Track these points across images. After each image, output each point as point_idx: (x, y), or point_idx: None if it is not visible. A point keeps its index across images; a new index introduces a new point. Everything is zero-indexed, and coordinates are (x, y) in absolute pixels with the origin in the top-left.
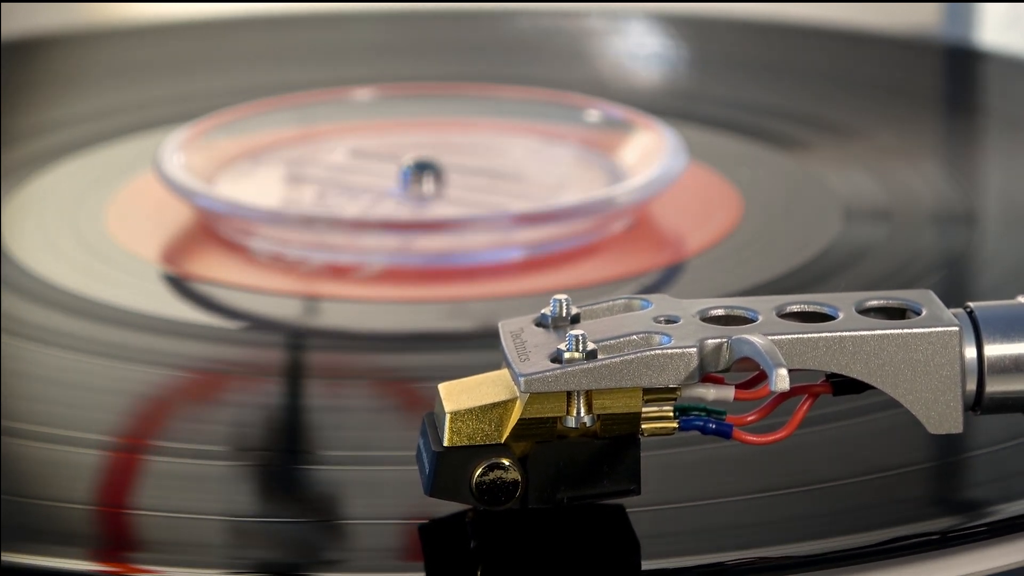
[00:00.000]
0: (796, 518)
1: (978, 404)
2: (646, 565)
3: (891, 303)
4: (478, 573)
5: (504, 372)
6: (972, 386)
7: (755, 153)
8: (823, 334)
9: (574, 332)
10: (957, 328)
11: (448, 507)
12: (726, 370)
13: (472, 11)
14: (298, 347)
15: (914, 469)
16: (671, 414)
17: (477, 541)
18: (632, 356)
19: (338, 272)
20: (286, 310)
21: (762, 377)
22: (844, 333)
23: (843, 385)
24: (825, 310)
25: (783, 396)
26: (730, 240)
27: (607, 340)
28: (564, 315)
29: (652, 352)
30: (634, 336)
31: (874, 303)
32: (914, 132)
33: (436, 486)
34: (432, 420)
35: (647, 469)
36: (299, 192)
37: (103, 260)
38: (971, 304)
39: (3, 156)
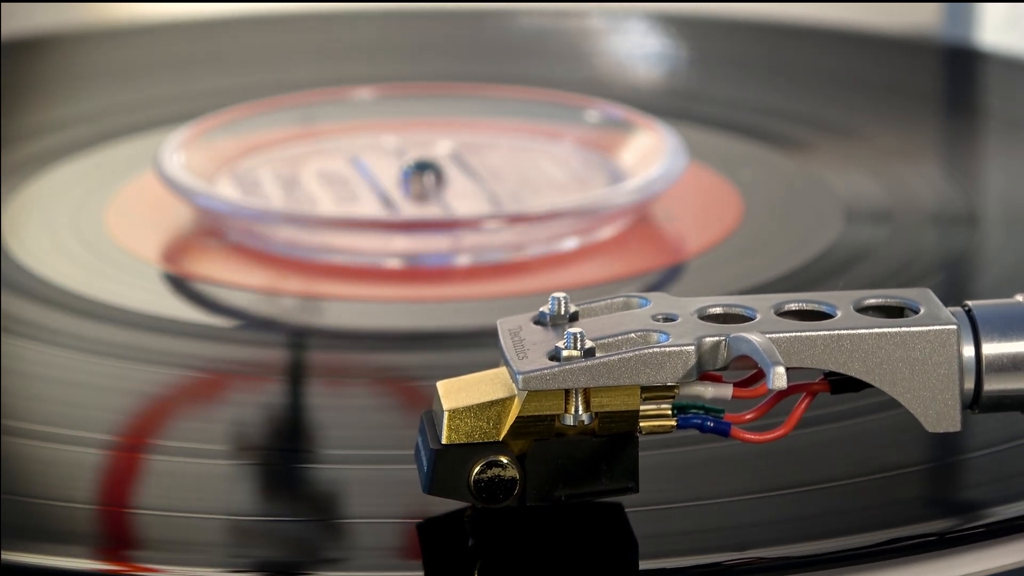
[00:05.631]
0: (794, 518)
1: (976, 403)
2: (644, 564)
3: (889, 301)
4: (476, 571)
5: (502, 370)
6: (970, 384)
7: (755, 153)
8: (821, 332)
9: (572, 330)
10: (955, 326)
11: (446, 505)
12: (724, 368)
13: (472, 11)
14: (298, 346)
15: (912, 470)
16: (669, 412)
17: (475, 539)
18: (630, 354)
19: (338, 272)
20: (286, 310)
21: (760, 375)
22: (842, 331)
23: (841, 383)
24: (823, 308)
25: (781, 394)
26: (730, 240)
27: (605, 338)
28: (562, 313)
29: (650, 350)
30: (632, 334)
31: (872, 301)
32: (914, 132)
33: (434, 484)
34: (430, 418)
35: (645, 467)
36: (299, 191)
37: (103, 260)
38: (969, 303)
39: (3, 156)
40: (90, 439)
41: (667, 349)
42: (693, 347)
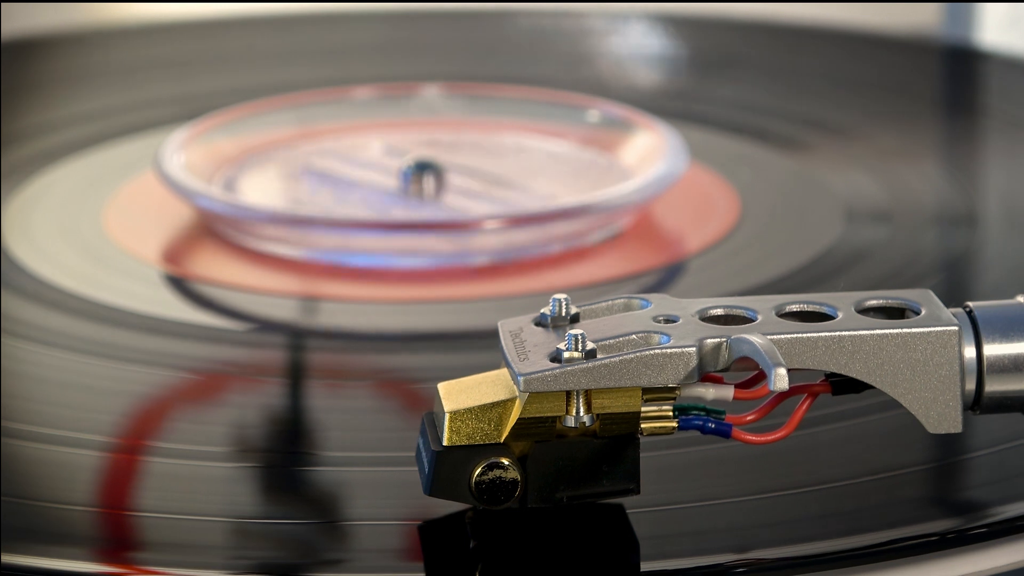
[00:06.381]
0: (795, 519)
1: (977, 404)
2: (645, 566)
3: (890, 303)
4: (477, 573)
5: (503, 372)
6: (971, 386)
7: (755, 153)
8: (822, 333)
9: (573, 331)
10: (956, 328)
11: (447, 507)
12: (725, 369)
13: (472, 11)
14: (298, 347)
15: (914, 470)
16: (670, 413)
17: (476, 541)
18: (631, 355)
19: (338, 272)
20: (286, 310)
21: (761, 377)
22: (843, 333)
23: (842, 385)
24: (824, 310)
25: (782, 396)
26: (730, 240)
27: (606, 339)
28: (563, 314)
29: (651, 351)
30: (633, 335)
31: (873, 303)
32: (914, 132)
33: (435, 485)
34: (431, 419)
35: (646, 469)
36: (299, 192)
37: (103, 260)
38: (970, 304)
39: (3, 156)
40: (90, 440)
41: (668, 350)
42: (694, 348)
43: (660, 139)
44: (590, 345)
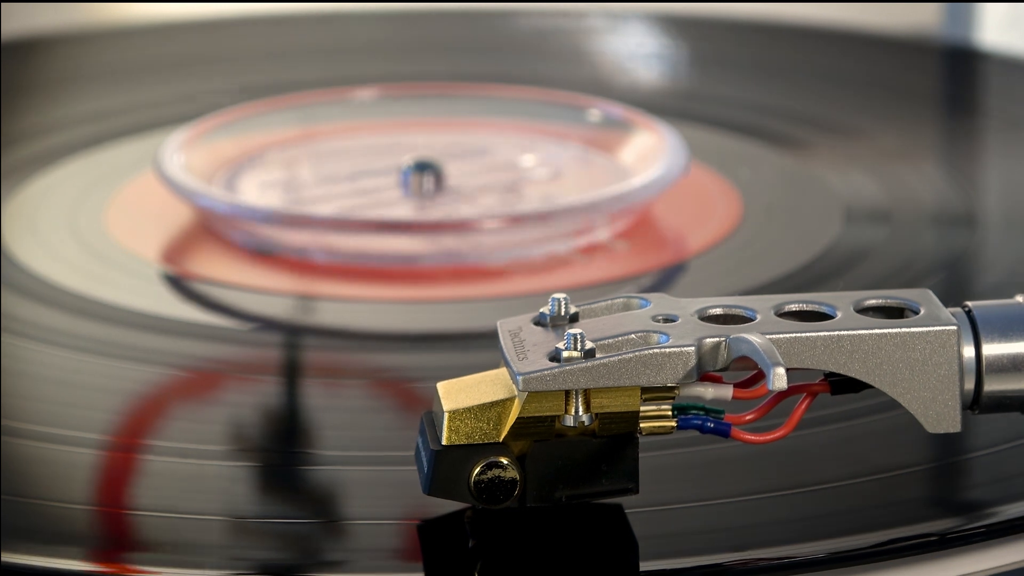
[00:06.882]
0: (795, 519)
1: (976, 403)
2: (644, 566)
3: (889, 302)
4: (477, 572)
5: (503, 371)
6: (970, 385)
7: (755, 153)
8: (821, 333)
9: (572, 331)
10: (955, 327)
11: (447, 506)
12: (724, 369)
13: (472, 11)
14: (297, 347)
15: (913, 470)
16: (669, 413)
17: (475, 540)
18: (630, 355)
19: (338, 272)
20: (286, 310)
21: (760, 376)
22: (842, 332)
23: (841, 384)
24: (823, 309)
25: (781, 395)
26: (730, 240)
27: (605, 339)
28: (562, 314)
29: (650, 351)
30: (632, 335)
31: (872, 302)
32: (914, 132)
33: (435, 485)
34: (431, 419)
35: (645, 468)
36: (298, 192)
37: (103, 260)
38: (969, 303)
39: (3, 156)
40: (90, 439)
41: (667, 350)
42: (693, 348)
43: (660, 139)
44: (589, 344)
